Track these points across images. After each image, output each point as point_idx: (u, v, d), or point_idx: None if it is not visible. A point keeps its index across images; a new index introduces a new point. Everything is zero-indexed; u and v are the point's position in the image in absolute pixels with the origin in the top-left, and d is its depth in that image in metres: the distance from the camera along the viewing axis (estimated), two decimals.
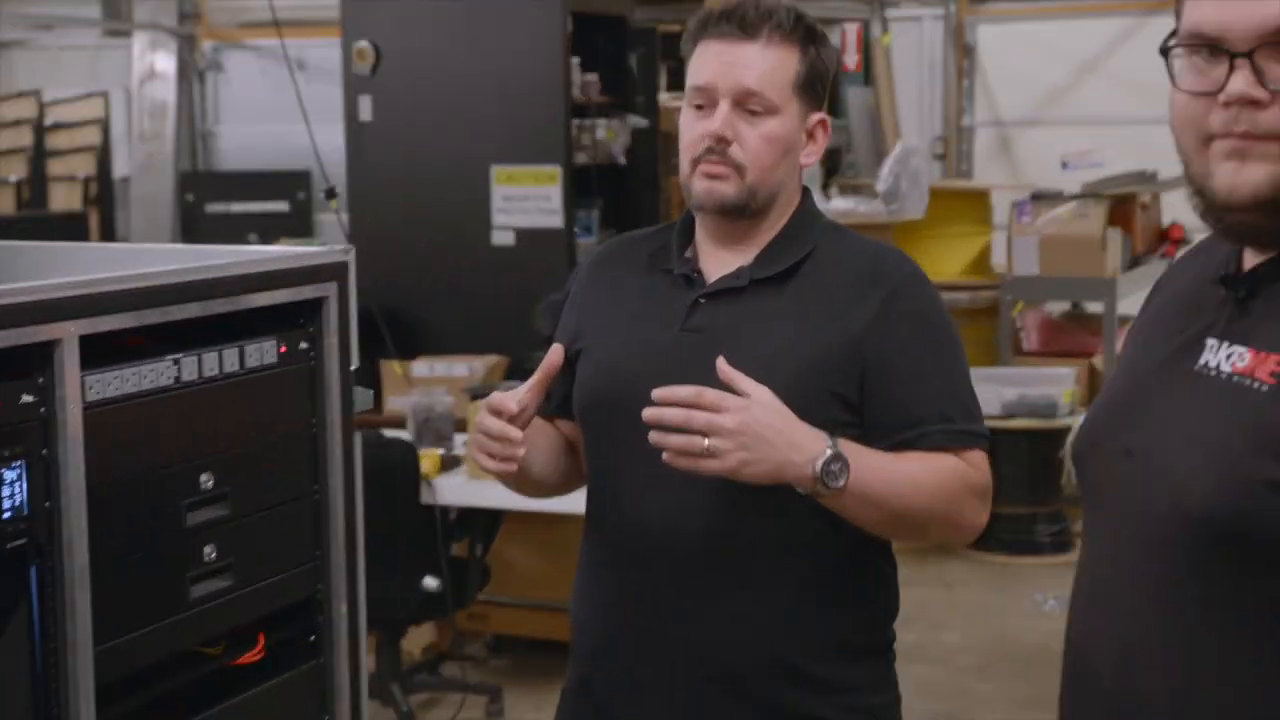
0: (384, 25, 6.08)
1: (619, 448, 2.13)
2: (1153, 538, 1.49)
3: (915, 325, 2.10)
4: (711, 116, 2.09)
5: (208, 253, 2.13)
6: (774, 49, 2.10)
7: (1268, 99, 1.42)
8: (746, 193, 2.10)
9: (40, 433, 1.72)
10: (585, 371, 2.20)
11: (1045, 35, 8.73)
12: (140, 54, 10.47)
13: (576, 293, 2.30)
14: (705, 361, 2.01)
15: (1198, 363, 1.51)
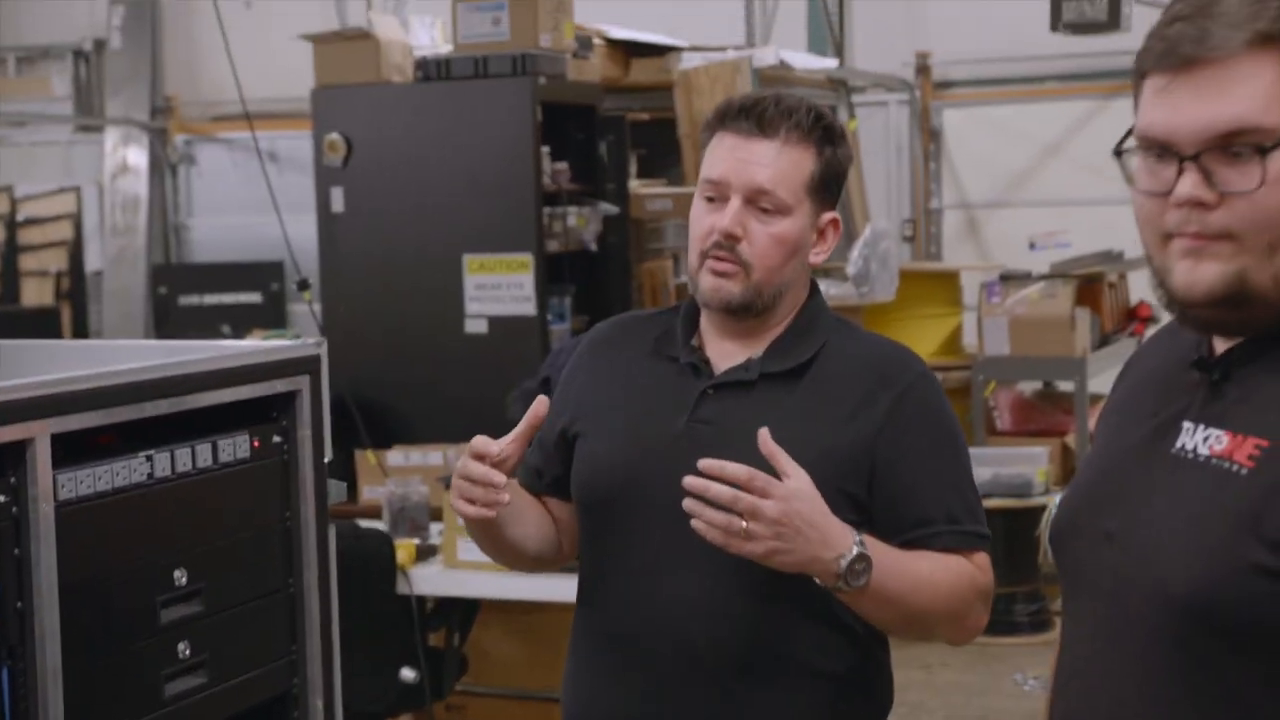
0: (355, 117, 6.12)
1: (622, 536, 2.11)
2: (1137, 622, 1.49)
3: (924, 426, 2.10)
4: (722, 211, 2.08)
5: (180, 349, 2.13)
6: (790, 149, 2.09)
7: (1215, 201, 1.44)
8: (752, 292, 2.09)
9: (12, 532, 1.71)
10: (588, 457, 2.18)
11: (1009, 119, 8.85)
12: (112, 148, 10.50)
13: (575, 370, 2.28)
14: (712, 453, 2.00)
15: (1175, 446, 1.52)
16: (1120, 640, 1.51)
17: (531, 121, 5.84)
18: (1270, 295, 1.45)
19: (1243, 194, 1.43)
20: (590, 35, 6.34)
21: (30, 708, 1.72)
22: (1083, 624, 1.58)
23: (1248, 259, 1.44)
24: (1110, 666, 1.52)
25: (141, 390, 1.88)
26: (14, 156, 11.10)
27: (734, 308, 2.10)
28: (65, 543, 1.75)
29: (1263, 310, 1.46)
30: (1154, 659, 1.48)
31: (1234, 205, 1.44)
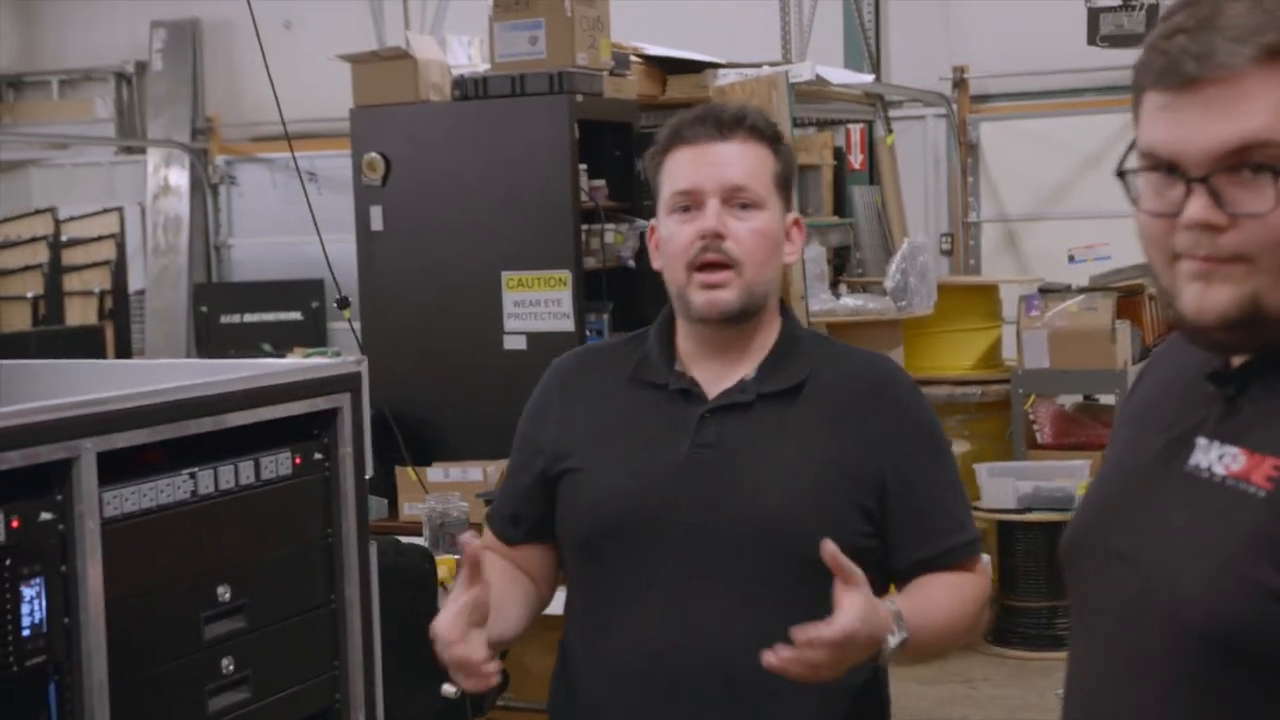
0: (393, 136, 6.16)
1: (635, 567, 2.07)
2: (1151, 647, 1.45)
3: (925, 438, 2.13)
4: (700, 218, 2.07)
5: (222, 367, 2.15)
6: (751, 146, 2.10)
7: (1226, 223, 1.38)
8: (746, 293, 2.08)
9: (59, 549, 1.73)
10: (583, 497, 2.12)
11: (1047, 131, 8.81)
12: (154, 169, 10.60)
13: (548, 407, 2.22)
14: (720, 477, 2.02)
15: (1188, 463, 1.47)
16: (1135, 669, 1.47)
17: (569, 139, 5.86)
18: None
19: (1255, 215, 1.37)
20: (627, 53, 6.36)
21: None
22: (1095, 644, 1.54)
23: (1262, 280, 1.38)
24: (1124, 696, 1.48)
25: (185, 409, 1.90)
26: (58, 178, 11.21)
27: (733, 315, 2.08)
28: (111, 559, 1.77)
29: (1275, 330, 1.41)
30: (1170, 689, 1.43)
31: (1246, 227, 1.37)
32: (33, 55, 11.31)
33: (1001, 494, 6.47)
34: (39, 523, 1.70)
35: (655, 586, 2.06)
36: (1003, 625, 6.60)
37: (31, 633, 1.69)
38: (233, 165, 10.68)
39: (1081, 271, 7.56)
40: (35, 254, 9.80)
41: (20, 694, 1.73)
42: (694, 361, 2.14)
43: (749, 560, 2.03)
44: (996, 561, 6.39)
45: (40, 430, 1.69)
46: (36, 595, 1.70)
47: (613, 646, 2.10)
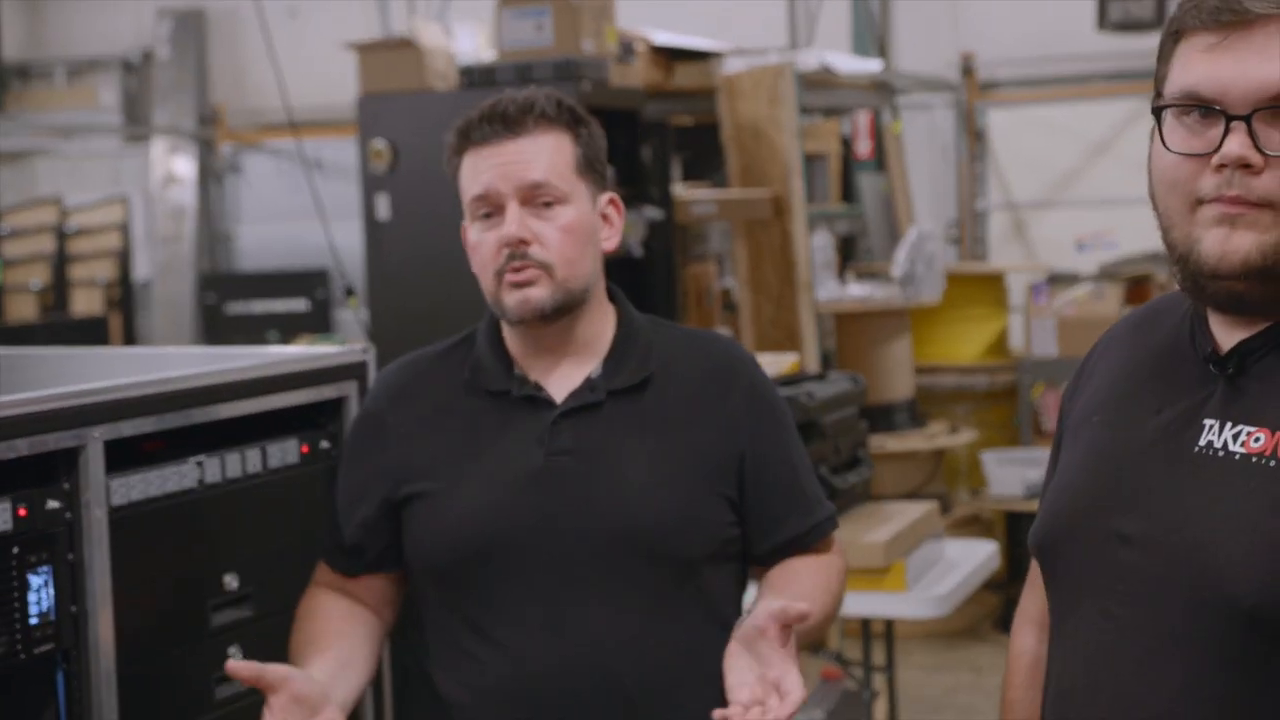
0: (399, 124, 6.15)
1: (501, 587, 1.97)
2: (1175, 627, 1.44)
3: (776, 417, 2.09)
4: (502, 222, 1.99)
5: (228, 355, 2.15)
6: (545, 137, 2.01)
7: (1262, 164, 1.39)
8: (561, 292, 1.99)
9: (66, 538, 1.73)
10: (436, 523, 2.00)
11: (1055, 118, 8.79)
12: (159, 158, 10.60)
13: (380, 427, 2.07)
14: (582, 483, 1.96)
15: (1198, 443, 1.47)
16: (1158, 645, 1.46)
17: None
18: None
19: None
20: (633, 40, 6.35)
21: (85, 710, 1.74)
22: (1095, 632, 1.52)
23: None
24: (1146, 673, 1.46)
25: (192, 397, 1.90)
26: (63, 167, 11.21)
27: (548, 313, 2.00)
28: (118, 547, 1.77)
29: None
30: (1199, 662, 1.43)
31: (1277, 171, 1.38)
32: (38, 44, 11.31)
33: (1009, 483, 6.47)
34: (46, 511, 1.70)
35: (530, 605, 1.96)
36: (1010, 613, 6.59)
37: (39, 621, 1.70)
38: (239, 154, 10.67)
39: (1090, 259, 7.55)
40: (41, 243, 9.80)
41: (28, 682, 1.73)
42: (530, 364, 2.06)
43: (623, 566, 1.96)
44: (1004, 550, 6.39)
45: (47, 418, 1.69)
46: (44, 584, 1.70)
47: (489, 674, 1.96)
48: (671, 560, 1.97)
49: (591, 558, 1.96)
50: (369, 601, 2.07)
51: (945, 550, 4.08)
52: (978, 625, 6.54)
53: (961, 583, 3.91)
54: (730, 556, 2.05)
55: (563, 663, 1.93)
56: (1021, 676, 1.78)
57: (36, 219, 10.05)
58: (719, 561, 2.03)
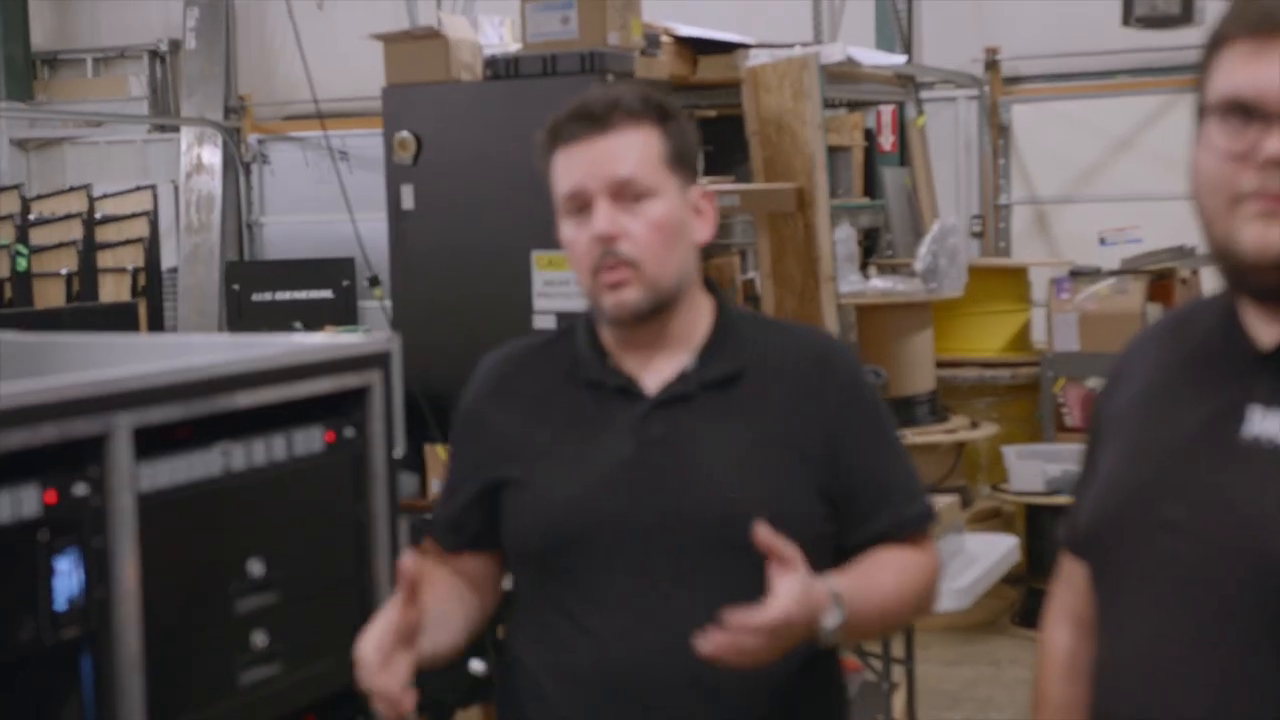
0: (425, 115, 6.17)
1: (591, 574, 2.00)
2: (1229, 609, 1.48)
3: (868, 411, 2.08)
4: (592, 219, 2.00)
5: (255, 343, 2.17)
6: (631, 133, 2.01)
7: None
8: (651, 290, 2.00)
9: (93, 523, 1.75)
10: (530, 509, 2.04)
11: (1079, 113, 8.76)
12: (187, 148, 10.64)
13: (484, 412, 2.14)
14: (671, 474, 1.98)
15: (1245, 433, 1.51)
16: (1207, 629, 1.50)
17: None
18: None
19: None
20: (658, 33, 6.35)
21: (111, 694, 1.77)
22: (1145, 619, 1.56)
23: None
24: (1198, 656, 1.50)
25: (219, 384, 1.92)
26: (92, 156, 11.27)
27: (643, 314, 2.00)
28: (145, 533, 1.79)
29: None
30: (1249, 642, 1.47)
31: None
32: (68, 33, 11.36)
33: (1030, 477, 6.46)
34: (74, 497, 1.73)
35: (617, 593, 1.98)
36: (1030, 607, 6.59)
37: (66, 606, 1.72)
38: (265, 144, 10.71)
39: (1112, 254, 7.53)
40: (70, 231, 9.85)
41: (55, 666, 1.75)
42: (625, 356, 2.07)
43: (711, 558, 1.97)
44: (1024, 544, 6.38)
45: (75, 405, 1.71)
46: (71, 569, 1.72)
47: (578, 660, 2.01)
48: (758, 551, 1.93)
49: (678, 548, 1.97)
50: (469, 577, 2.13)
51: (965, 544, 4.09)
52: (997, 619, 6.53)
53: (981, 576, 3.91)
54: (824, 550, 2.02)
55: (646, 651, 1.95)
56: (1056, 670, 1.81)
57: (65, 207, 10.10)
58: (811, 554, 1.96)
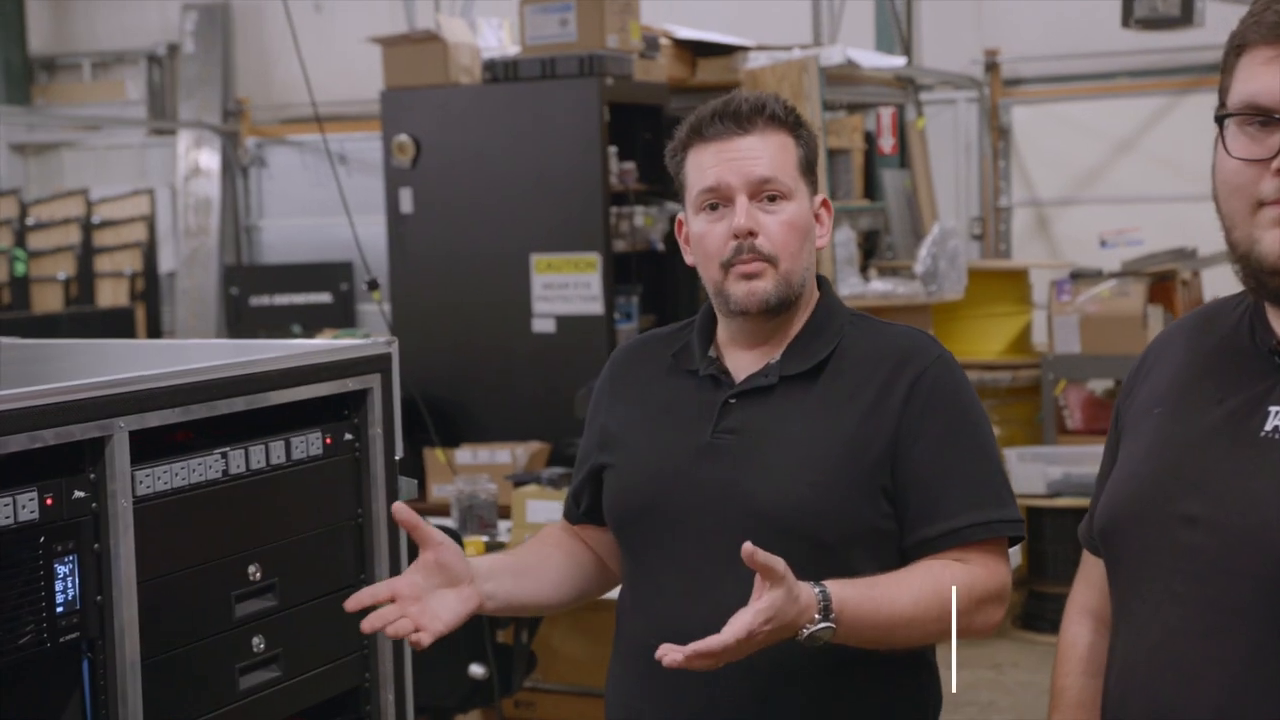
0: (423, 118, 6.17)
1: (660, 551, 2.10)
2: (1242, 603, 1.50)
3: (943, 411, 2.06)
4: (731, 214, 2.07)
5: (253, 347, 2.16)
6: (772, 136, 2.09)
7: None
8: (784, 285, 2.08)
9: (92, 527, 1.74)
10: (618, 481, 2.18)
11: (1079, 115, 8.77)
12: (185, 151, 10.64)
13: (602, 397, 2.28)
14: (738, 462, 2.03)
15: (1264, 429, 1.53)
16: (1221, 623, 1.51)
17: (599, 122, 5.86)
18: None
19: None
20: (657, 35, 6.35)
21: (110, 699, 1.76)
22: (1161, 613, 1.57)
23: None
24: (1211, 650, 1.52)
25: (217, 388, 1.91)
26: (89, 160, 11.26)
27: (772, 305, 2.08)
28: (143, 538, 1.78)
29: None
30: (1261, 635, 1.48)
31: None
32: (65, 37, 11.36)
33: (1031, 479, 6.46)
34: (72, 500, 1.72)
35: (676, 570, 2.08)
36: (1031, 610, 6.58)
37: (65, 609, 1.71)
38: (263, 147, 10.71)
39: (1113, 256, 7.52)
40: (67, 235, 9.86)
41: (54, 670, 1.74)
42: (729, 348, 2.16)
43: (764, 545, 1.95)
44: (1025, 547, 6.38)
45: (73, 409, 1.70)
46: (70, 573, 1.71)
47: (639, 627, 2.13)
48: (809, 542, 2.00)
49: (733, 533, 1.99)
50: (591, 545, 2.28)
51: None
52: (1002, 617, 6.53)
53: None
54: (883, 547, 2.04)
55: (694, 628, 1.95)
56: (1073, 664, 1.84)
57: (63, 211, 10.10)
58: (868, 549, 2.03)
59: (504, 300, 6.10)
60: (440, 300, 6.23)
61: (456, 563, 1.99)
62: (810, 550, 1.99)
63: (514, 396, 6.08)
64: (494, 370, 6.14)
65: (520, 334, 6.08)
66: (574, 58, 5.86)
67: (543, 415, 5.89)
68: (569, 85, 5.90)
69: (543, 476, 4.77)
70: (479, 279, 6.16)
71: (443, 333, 6.20)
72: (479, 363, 6.18)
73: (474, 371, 6.18)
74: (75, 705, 1.75)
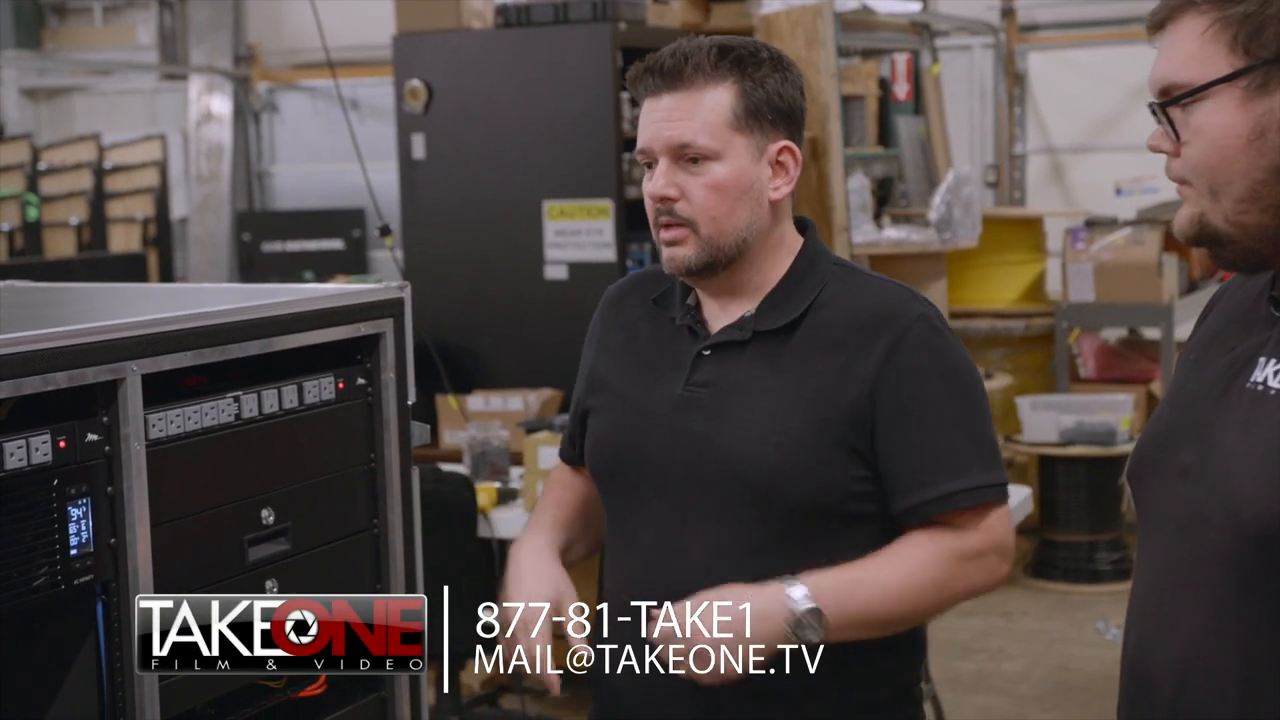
0: (435, 64, 6.14)
1: (634, 503, 2.08)
2: (1211, 556, 1.51)
3: (923, 375, 1.98)
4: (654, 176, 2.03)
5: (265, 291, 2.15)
6: (700, 92, 2.00)
7: (1173, 149, 1.56)
8: (707, 249, 2.02)
9: (105, 470, 1.75)
10: (597, 428, 2.16)
11: (1096, 62, 8.70)
12: (196, 97, 10.61)
13: (593, 336, 2.25)
14: (709, 418, 2.01)
15: (1249, 380, 1.54)
16: (1196, 579, 1.53)
17: (611, 67, 5.83)
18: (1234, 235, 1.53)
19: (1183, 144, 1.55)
20: None
21: (124, 641, 1.76)
22: (1156, 559, 1.61)
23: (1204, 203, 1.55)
24: (1186, 606, 1.54)
25: (230, 332, 1.90)
26: (101, 105, 11.23)
27: (694, 269, 2.03)
28: (156, 481, 1.79)
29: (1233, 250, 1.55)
30: (1230, 597, 1.49)
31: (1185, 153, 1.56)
32: None
33: (1043, 428, 6.45)
34: (85, 444, 1.72)
35: (648, 525, 2.05)
36: (1042, 558, 6.60)
37: (79, 552, 1.71)
38: (274, 93, 10.67)
39: (1129, 204, 7.49)
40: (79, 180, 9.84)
41: (69, 612, 1.75)
42: (705, 300, 2.12)
43: (731, 504, 1.99)
44: (1037, 495, 6.38)
45: (86, 352, 1.70)
46: (83, 515, 1.72)
47: (615, 577, 2.12)
48: (780, 504, 1.97)
49: (703, 492, 2.00)
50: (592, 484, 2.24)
51: None
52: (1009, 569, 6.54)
53: None
54: (858, 509, 2.00)
55: (666, 586, 1.98)
56: None
57: (75, 156, 10.08)
58: (843, 512, 1.98)
59: (516, 247, 6.09)
60: (452, 247, 6.21)
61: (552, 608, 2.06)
62: (781, 514, 1.97)
63: (526, 343, 6.08)
64: (506, 317, 6.14)
65: (532, 281, 6.07)
66: (587, 2, 5.82)
67: (555, 362, 5.89)
68: (582, 30, 5.87)
69: (554, 423, 4.77)
70: (491, 225, 6.14)
71: (455, 279, 6.20)
72: (491, 309, 6.17)
73: (486, 318, 6.18)
74: (90, 647, 1.76)
